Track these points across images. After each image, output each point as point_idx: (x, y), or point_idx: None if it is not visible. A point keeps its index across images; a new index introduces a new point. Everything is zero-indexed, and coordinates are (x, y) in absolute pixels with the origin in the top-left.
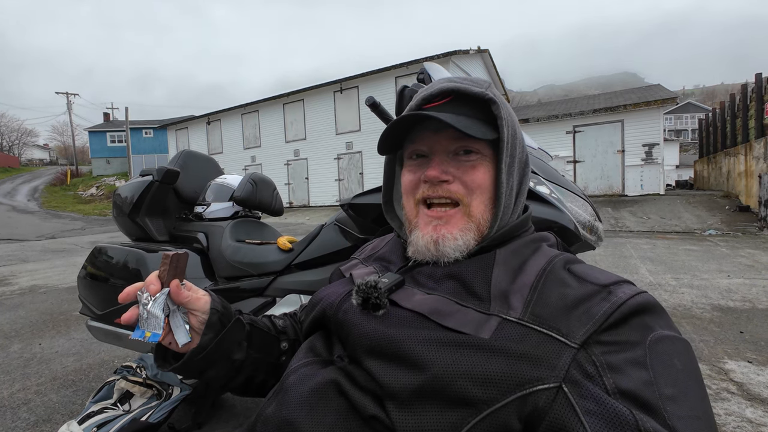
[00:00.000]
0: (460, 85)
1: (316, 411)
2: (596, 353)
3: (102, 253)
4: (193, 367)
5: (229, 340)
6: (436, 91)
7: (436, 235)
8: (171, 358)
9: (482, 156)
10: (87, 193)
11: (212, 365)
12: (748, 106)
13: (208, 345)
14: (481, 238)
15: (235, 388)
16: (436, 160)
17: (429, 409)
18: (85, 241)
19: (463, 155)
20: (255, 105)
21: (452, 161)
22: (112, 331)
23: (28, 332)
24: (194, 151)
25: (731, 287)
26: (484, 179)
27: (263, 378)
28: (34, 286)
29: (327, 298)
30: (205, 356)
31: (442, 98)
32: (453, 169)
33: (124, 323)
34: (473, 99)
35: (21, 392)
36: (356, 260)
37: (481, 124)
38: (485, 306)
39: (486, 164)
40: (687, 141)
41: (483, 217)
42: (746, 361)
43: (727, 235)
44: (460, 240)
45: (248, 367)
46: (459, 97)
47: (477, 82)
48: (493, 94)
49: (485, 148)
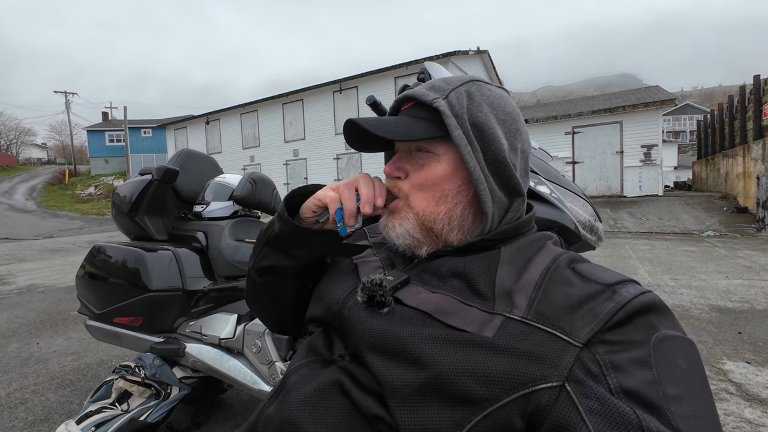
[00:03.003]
0: (415, 92)
1: (318, 411)
2: (600, 352)
3: (100, 252)
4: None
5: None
6: (401, 97)
7: (386, 221)
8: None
9: (434, 155)
10: (85, 192)
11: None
12: (746, 108)
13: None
14: (423, 228)
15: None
16: (394, 158)
17: (431, 407)
18: (84, 241)
19: (417, 153)
20: (254, 105)
21: (410, 159)
22: (111, 331)
23: (26, 332)
24: (194, 150)
25: (729, 288)
26: (429, 177)
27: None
28: (31, 285)
29: (332, 294)
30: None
31: (407, 103)
32: (408, 166)
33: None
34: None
35: (18, 392)
36: (367, 243)
37: (435, 126)
38: (489, 304)
39: (440, 163)
40: (685, 142)
41: (425, 210)
42: (745, 362)
43: (725, 237)
44: (398, 228)
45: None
46: (419, 102)
47: (438, 88)
48: (447, 101)
49: (440, 148)
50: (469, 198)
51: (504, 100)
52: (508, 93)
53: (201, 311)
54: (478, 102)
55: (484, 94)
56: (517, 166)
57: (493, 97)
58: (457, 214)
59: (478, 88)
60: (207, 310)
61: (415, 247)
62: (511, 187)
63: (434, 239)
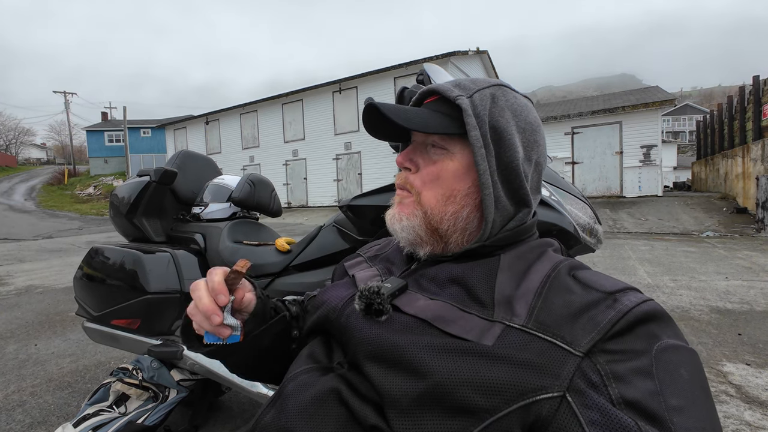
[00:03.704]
0: (440, 87)
1: (315, 420)
2: (601, 362)
3: (98, 253)
4: (224, 352)
5: (267, 333)
6: (425, 90)
7: (393, 212)
8: (196, 340)
9: (448, 152)
10: (84, 192)
11: (241, 352)
12: (745, 109)
13: (246, 335)
14: (429, 227)
15: (246, 372)
16: (408, 149)
17: (430, 418)
18: (83, 241)
19: (431, 149)
20: (253, 105)
21: (423, 153)
22: (109, 333)
23: (24, 333)
24: (192, 151)
25: (729, 289)
26: (441, 174)
27: (270, 366)
28: (30, 286)
29: (330, 302)
30: (239, 346)
31: (431, 96)
32: (420, 160)
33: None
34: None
35: (16, 394)
36: (361, 258)
37: (454, 123)
38: (489, 312)
39: (453, 161)
40: (685, 143)
41: (434, 209)
42: (745, 364)
43: (724, 237)
44: (405, 221)
45: (269, 355)
46: (442, 97)
47: (465, 86)
48: (470, 100)
49: (455, 146)
50: (477, 201)
51: (527, 109)
52: (532, 103)
53: None
54: (501, 106)
55: (508, 100)
56: (529, 177)
57: (517, 105)
58: (463, 216)
59: (503, 93)
60: None
61: (417, 244)
62: (519, 197)
63: (437, 240)
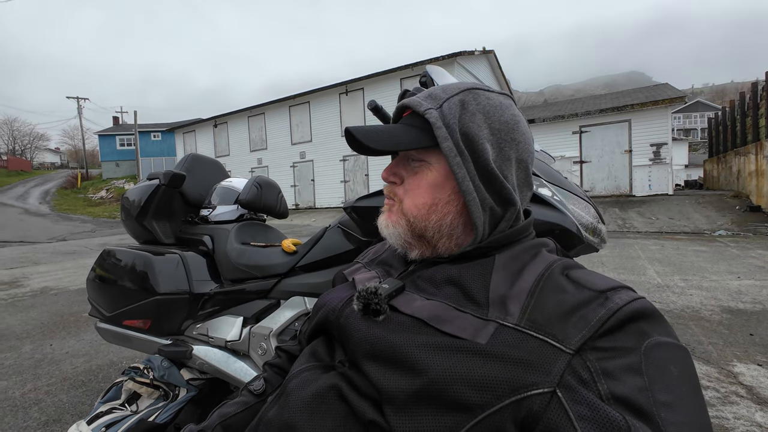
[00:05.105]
0: (411, 101)
1: (316, 415)
2: (591, 359)
3: (110, 255)
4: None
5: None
6: (400, 105)
7: (382, 219)
8: None
9: (426, 164)
10: (97, 195)
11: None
12: (758, 105)
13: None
14: (414, 233)
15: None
16: (391, 163)
17: (426, 413)
18: (95, 244)
19: (411, 162)
20: (261, 107)
21: (406, 165)
22: (121, 333)
23: (40, 333)
24: (200, 154)
25: (741, 289)
26: (421, 185)
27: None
28: (45, 287)
29: (329, 303)
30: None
31: (407, 110)
32: (404, 172)
33: None
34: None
35: (32, 392)
36: (359, 264)
37: (427, 136)
38: (483, 311)
39: (431, 172)
40: (696, 140)
41: (417, 218)
42: (756, 364)
43: (737, 236)
44: (391, 228)
45: None
46: (414, 111)
47: (435, 97)
48: (440, 111)
49: (432, 157)
50: (458, 208)
51: (501, 108)
52: (512, 99)
53: (207, 314)
54: (471, 111)
55: (480, 103)
56: (511, 176)
57: (490, 106)
58: (447, 224)
59: (474, 96)
60: (213, 313)
61: (407, 248)
62: (503, 197)
63: (425, 245)
